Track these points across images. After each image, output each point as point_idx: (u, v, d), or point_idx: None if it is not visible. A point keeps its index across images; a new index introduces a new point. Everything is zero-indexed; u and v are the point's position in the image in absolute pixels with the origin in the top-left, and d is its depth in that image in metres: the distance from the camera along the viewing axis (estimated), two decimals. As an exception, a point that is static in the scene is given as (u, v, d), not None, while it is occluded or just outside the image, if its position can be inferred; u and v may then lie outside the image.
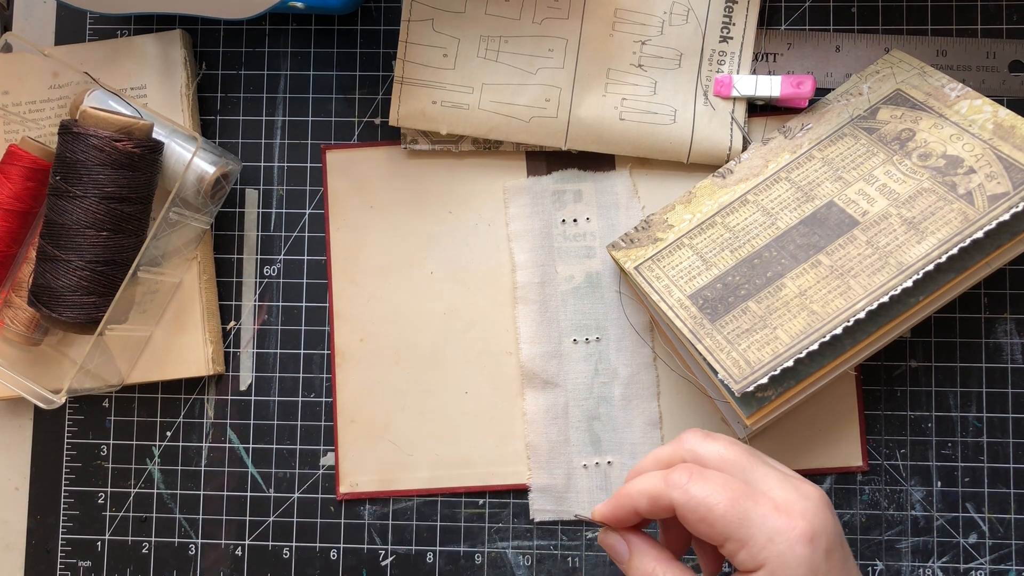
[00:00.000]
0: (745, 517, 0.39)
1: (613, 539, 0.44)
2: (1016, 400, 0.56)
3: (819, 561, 0.39)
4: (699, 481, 0.40)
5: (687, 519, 0.40)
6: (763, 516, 0.39)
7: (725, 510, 0.39)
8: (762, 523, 0.39)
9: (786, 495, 0.40)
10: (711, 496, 0.40)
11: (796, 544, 0.39)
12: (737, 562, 0.40)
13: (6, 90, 0.59)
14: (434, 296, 0.58)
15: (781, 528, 0.39)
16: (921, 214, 0.50)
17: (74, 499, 0.59)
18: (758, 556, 0.39)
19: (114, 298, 0.52)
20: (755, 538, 0.39)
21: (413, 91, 0.57)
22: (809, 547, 0.39)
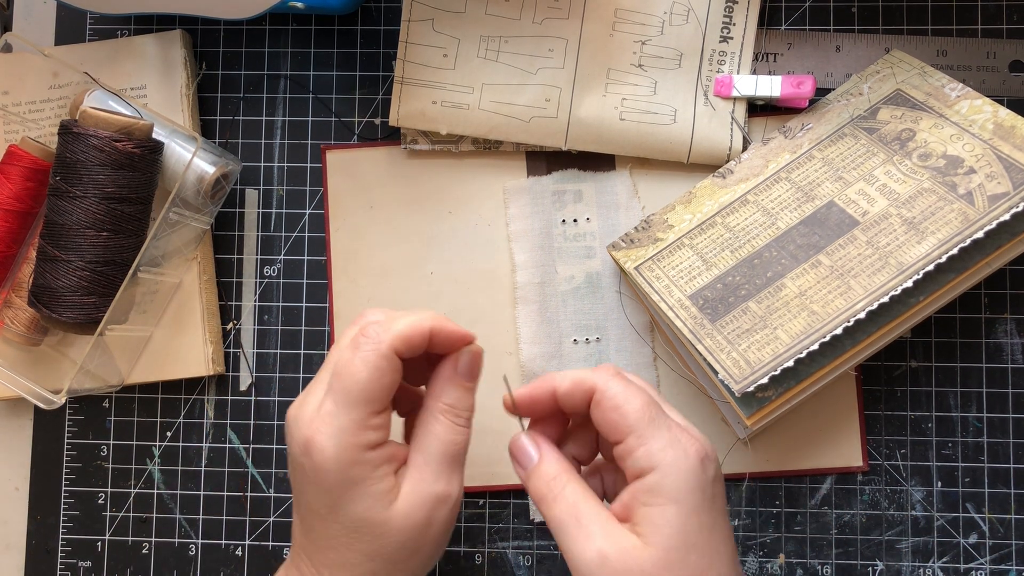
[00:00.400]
0: (653, 420, 0.42)
1: (525, 442, 0.46)
2: (1016, 400, 0.56)
3: (707, 481, 0.42)
4: (622, 378, 0.44)
5: (601, 404, 0.43)
6: (668, 426, 0.43)
7: (639, 406, 0.43)
8: (666, 431, 0.42)
9: (685, 422, 0.44)
10: (630, 391, 0.43)
11: (692, 456, 0.42)
12: (632, 459, 0.42)
13: (6, 90, 0.59)
14: (434, 296, 0.58)
15: (680, 439, 0.42)
16: (921, 214, 0.50)
17: (74, 499, 0.59)
18: (654, 457, 0.41)
19: (114, 298, 0.52)
20: (656, 440, 0.42)
21: (413, 91, 0.57)
22: (700, 464, 0.42)
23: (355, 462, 0.43)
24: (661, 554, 0.40)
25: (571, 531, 0.42)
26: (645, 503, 0.41)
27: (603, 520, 0.42)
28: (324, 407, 0.44)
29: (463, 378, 0.47)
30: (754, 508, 0.56)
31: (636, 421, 0.42)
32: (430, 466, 0.45)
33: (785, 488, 0.57)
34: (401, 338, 0.44)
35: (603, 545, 0.41)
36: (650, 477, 0.41)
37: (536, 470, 0.45)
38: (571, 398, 0.45)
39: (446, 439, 0.45)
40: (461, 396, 0.46)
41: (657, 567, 0.40)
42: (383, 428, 0.44)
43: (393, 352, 0.44)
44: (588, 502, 0.43)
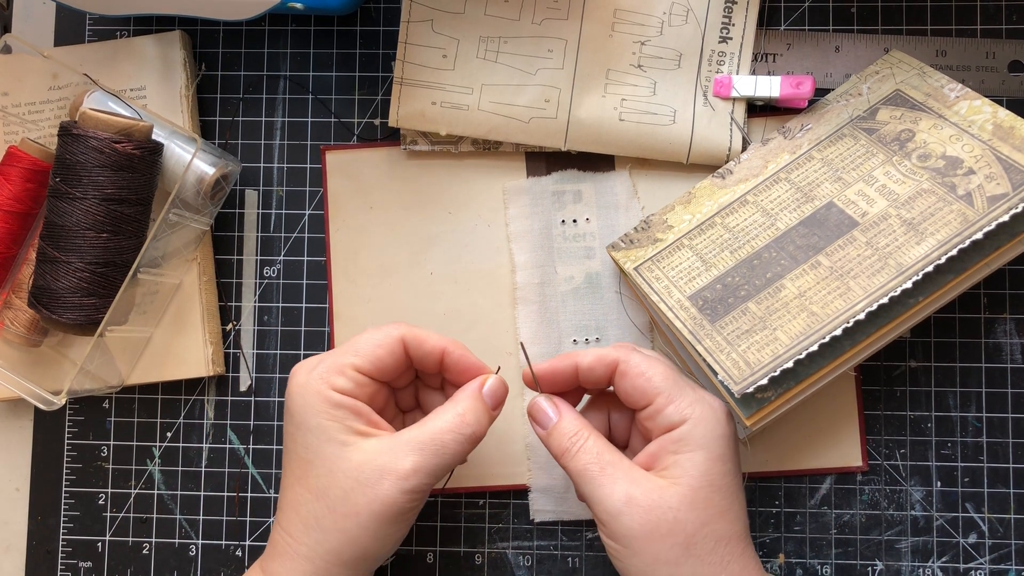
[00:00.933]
0: (678, 381, 0.47)
1: (544, 403, 0.49)
2: (1016, 400, 0.56)
3: (731, 433, 0.47)
4: (642, 351, 0.48)
5: (628, 374, 0.47)
6: (692, 386, 0.47)
7: (664, 370, 0.47)
8: (691, 390, 0.47)
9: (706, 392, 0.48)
10: (652, 360, 0.47)
11: (719, 410, 0.46)
12: (663, 416, 0.46)
13: (6, 91, 0.59)
14: (434, 297, 0.58)
15: (707, 398, 0.47)
16: (920, 215, 0.50)
17: (75, 500, 0.59)
18: (684, 411, 0.45)
19: (114, 300, 0.52)
20: (685, 397, 0.46)
21: (413, 92, 0.57)
22: (727, 417, 0.47)
23: (317, 393, 0.46)
24: (688, 492, 0.44)
25: (596, 478, 0.45)
26: (674, 451, 0.45)
27: (627, 466, 0.45)
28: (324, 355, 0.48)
29: (487, 398, 0.48)
30: (753, 508, 0.56)
31: (663, 383, 0.46)
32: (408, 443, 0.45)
33: (785, 488, 0.57)
34: (415, 335, 0.48)
35: (629, 487, 0.44)
36: (681, 429, 0.45)
37: (557, 427, 0.48)
38: (593, 372, 0.48)
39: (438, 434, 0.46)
40: (477, 409, 0.47)
41: (683, 503, 0.44)
42: (353, 384, 0.47)
43: (401, 338, 0.48)
44: (611, 451, 0.46)
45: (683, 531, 0.43)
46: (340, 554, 0.45)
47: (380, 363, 0.48)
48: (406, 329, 0.49)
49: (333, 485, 0.45)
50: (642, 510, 0.44)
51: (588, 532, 0.57)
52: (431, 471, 0.45)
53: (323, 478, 0.45)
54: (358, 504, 0.45)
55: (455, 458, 0.46)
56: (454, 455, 0.46)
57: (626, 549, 0.44)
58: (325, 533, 0.45)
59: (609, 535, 0.45)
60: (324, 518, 0.45)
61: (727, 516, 0.45)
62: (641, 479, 0.45)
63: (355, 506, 0.45)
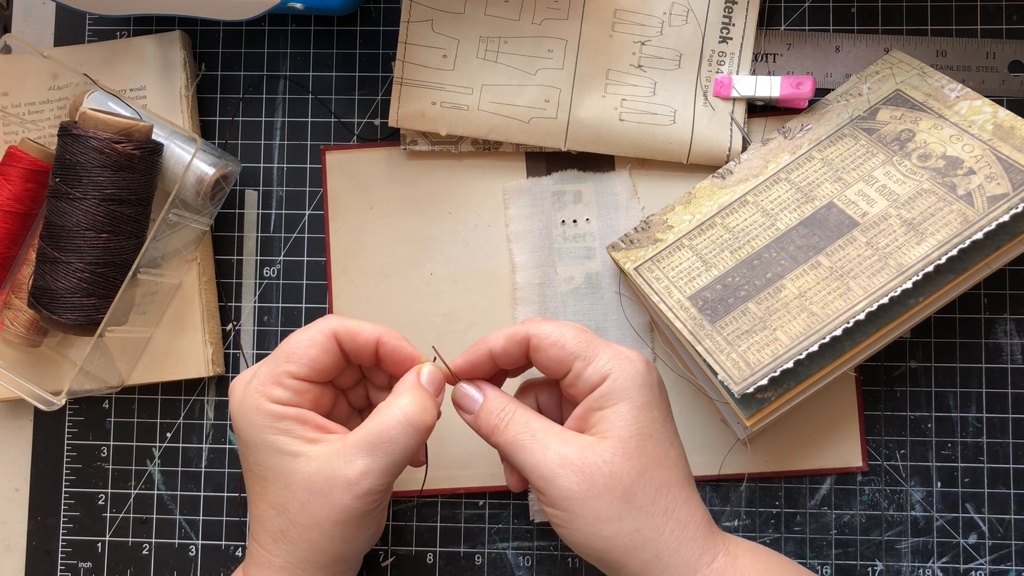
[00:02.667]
0: (592, 342, 0.46)
1: (467, 388, 0.48)
2: (1016, 400, 0.56)
3: (653, 381, 0.46)
4: (550, 320, 0.47)
5: (540, 346, 0.46)
6: (607, 343, 0.46)
7: (576, 335, 0.46)
8: (606, 347, 0.46)
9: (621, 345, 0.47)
10: (564, 327, 0.47)
11: (637, 360, 0.46)
12: (583, 379, 0.45)
13: (5, 91, 0.59)
14: (434, 297, 0.58)
15: (624, 352, 0.46)
16: (921, 215, 0.50)
17: (74, 500, 0.59)
18: (603, 368, 0.45)
19: (114, 300, 0.52)
20: (601, 356, 0.45)
21: (412, 92, 0.57)
22: (645, 366, 0.46)
23: (256, 408, 0.45)
24: (619, 444, 0.43)
25: (528, 446, 0.45)
26: (599, 408, 0.45)
27: (558, 430, 0.45)
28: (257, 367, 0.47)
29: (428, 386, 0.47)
30: (754, 508, 0.56)
31: (577, 347, 0.46)
32: (355, 445, 0.44)
33: (785, 488, 0.57)
34: (346, 328, 0.47)
35: (561, 448, 0.44)
36: (602, 387, 0.45)
37: (483, 407, 0.47)
38: (508, 354, 0.47)
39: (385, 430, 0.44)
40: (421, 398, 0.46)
41: (616, 455, 0.43)
42: (292, 392, 0.46)
43: (333, 334, 0.47)
44: (539, 419, 0.46)
45: (620, 483, 0.43)
46: (312, 561, 0.46)
47: (316, 364, 0.46)
48: (337, 323, 0.47)
49: (290, 499, 0.45)
50: (576, 468, 0.43)
51: (588, 532, 0.57)
52: (383, 471, 0.44)
53: (279, 493, 0.45)
54: (316, 515, 0.44)
55: (406, 452, 0.45)
56: (404, 449, 0.45)
57: (567, 513, 0.43)
58: (292, 544, 0.45)
59: (549, 502, 0.44)
60: (288, 531, 0.45)
61: (664, 463, 0.44)
62: (572, 439, 0.44)
63: (314, 517, 0.44)
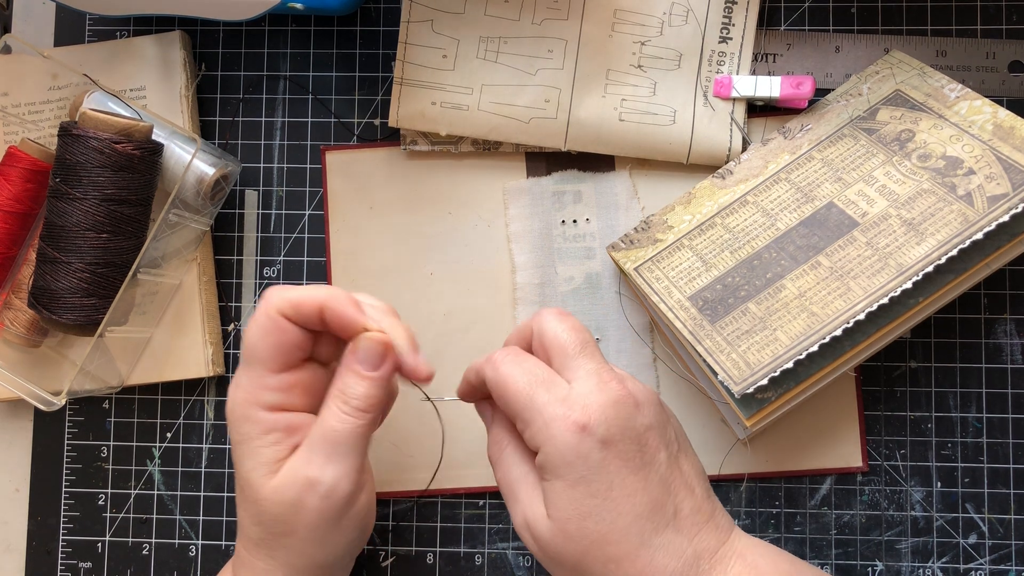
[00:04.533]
0: (532, 402, 0.43)
1: (481, 408, 0.49)
2: (1016, 400, 0.56)
3: (590, 449, 0.42)
4: (510, 363, 0.44)
5: (493, 392, 0.45)
6: (546, 403, 0.43)
7: (517, 391, 0.43)
8: (543, 409, 0.42)
9: (583, 387, 0.43)
10: (511, 377, 0.44)
11: (566, 431, 0.42)
12: (526, 440, 0.44)
13: (5, 91, 0.59)
14: (434, 297, 0.58)
15: (557, 415, 0.42)
16: (921, 215, 0.50)
17: (74, 500, 0.59)
18: (535, 438, 0.43)
19: (114, 300, 0.52)
20: (536, 422, 0.43)
21: (412, 92, 0.57)
22: (578, 435, 0.42)
23: (246, 418, 0.44)
24: (559, 525, 0.42)
25: (506, 494, 0.46)
26: (542, 478, 0.44)
27: (528, 487, 0.45)
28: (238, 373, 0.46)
29: (361, 365, 0.45)
30: (753, 509, 0.56)
31: (516, 406, 0.44)
32: (308, 448, 0.44)
33: (785, 489, 0.57)
34: (288, 301, 0.44)
35: (526, 511, 0.44)
36: (539, 456, 0.43)
37: (489, 435, 0.48)
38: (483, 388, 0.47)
39: (326, 424, 0.44)
40: (353, 383, 0.44)
41: (557, 537, 0.43)
42: (280, 391, 0.45)
43: (278, 313, 0.44)
44: (518, 466, 0.45)
45: (568, 560, 0.43)
46: (295, 566, 0.45)
47: (280, 349, 0.45)
48: (278, 298, 0.45)
49: (263, 511, 0.44)
50: (531, 535, 0.44)
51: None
52: (339, 468, 0.44)
53: (254, 505, 0.45)
54: (290, 524, 0.44)
55: (353, 440, 0.44)
56: (349, 436, 0.44)
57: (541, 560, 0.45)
58: (272, 551, 0.45)
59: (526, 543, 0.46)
60: (266, 540, 0.45)
61: (608, 539, 0.42)
62: (534, 503, 0.44)
63: (288, 526, 0.44)
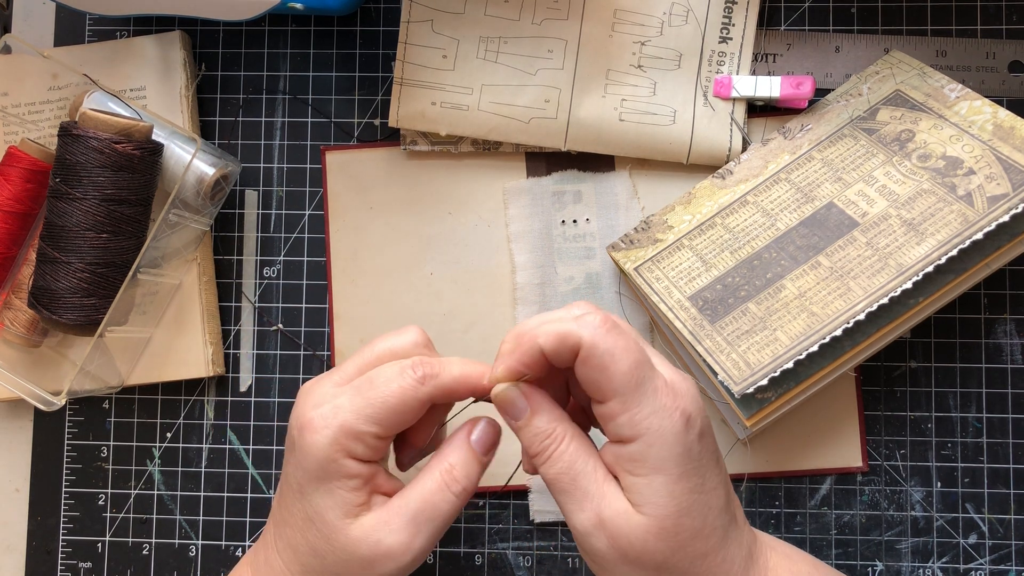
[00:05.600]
0: (641, 383, 0.40)
1: (514, 394, 0.43)
2: (1016, 400, 0.56)
3: (692, 441, 0.40)
4: (614, 331, 0.41)
5: (588, 362, 0.40)
6: (655, 389, 0.40)
7: (629, 367, 0.40)
8: (653, 394, 0.40)
9: (672, 376, 0.42)
10: (620, 349, 0.40)
11: (677, 422, 0.40)
12: (615, 425, 0.40)
13: (5, 91, 0.59)
14: (434, 297, 0.58)
15: (667, 405, 0.40)
16: (921, 215, 0.50)
17: (74, 500, 0.59)
18: (639, 425, 0.40)
19: (114, 300, 0.52)
20: (642, 406, 0.40)
21: (412, 92, 0.57)
22: (686, 427, 0.40)
23: (332, 460, 0.43)
24: (654, 523, 0.40)
25: (567, 491, 0.42)
26: (631, 472, 0.40)
27: (600, 479, 0.41)
28: (339, 400, 0.43)
29: (476, 446, 0.45)
30: (754, 509, 0.56)
31: (622, 385, 0.40)
32: (399, 514, 0.43)
33: (785, 489, 0.57)
34: (443, 389, 0.44)
35: (599, 507, 0.41)
36: (634, 446, 0.40)
37: (529, 425, 0.43)
38: (558, 356, 0.41)
39: (428, 497, 0.44)
40: (466, 462, 0.45)
41: (649, 534, 0.40)
42: (376, 451, 0.44)
43: (430, 400, 0.44)
44: (585, 458, 0.42)
45: (653, 560, 0.40)
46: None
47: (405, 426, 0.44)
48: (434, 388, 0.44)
49: (329, 553, 0.43)
50: (608, 535, 0.40)
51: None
52: (426, 542, 0.43)
53: (321, 543, 0.44)
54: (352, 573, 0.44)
55: (448, 518, 0.44)
56: (446, 516, 0.44)
57: (596, 566, 0.42)
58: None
59: (580, 548, 0.43)
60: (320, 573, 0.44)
61: (701, 534, 0.41)
62: (611, 498, 0.41)
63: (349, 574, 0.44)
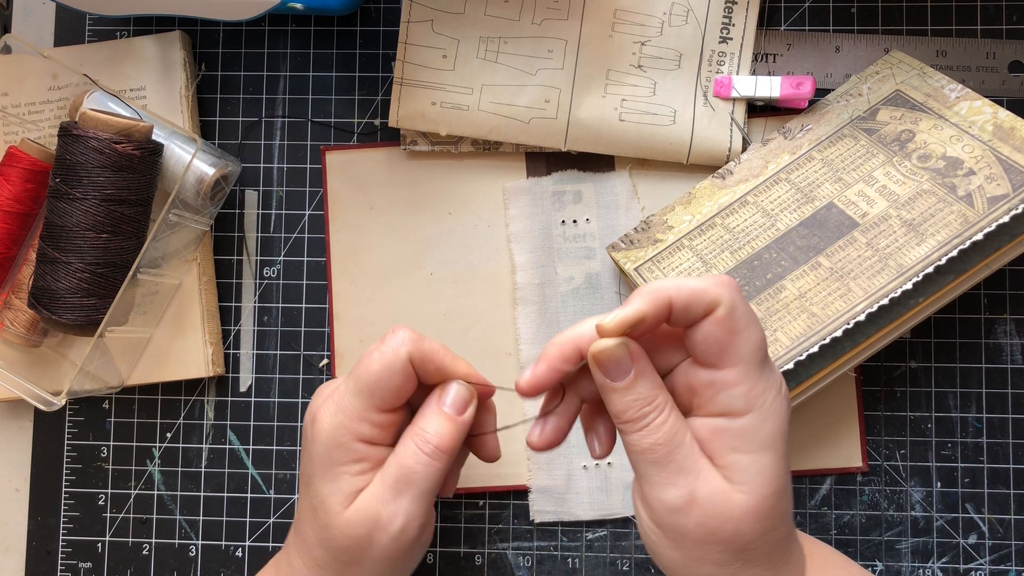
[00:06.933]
0: (764, 360, 0.39)
1: (622, 352, 0.39)
2: (1016, 401, 0.56)
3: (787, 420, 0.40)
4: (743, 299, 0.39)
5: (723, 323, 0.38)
6: (771, 364, 0.39)
7: (760, 337, 0.39)
8: (770, 370, 0.39)
9: None
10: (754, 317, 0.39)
11: (786, 400, 0.40)
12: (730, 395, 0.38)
13: (6, 92, 0.59)
14: (434, 297, 0.58)
15: (778, 381, 0.39)
16: (921, 216, 0.50)
17: (74, 500, 0.59)
18: (756, 398, 0.38)
19: (114, 300, 0.52)
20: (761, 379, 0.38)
21: (413, 92, 0.57)
22: (786, 405, 0.40)
23: (339, 444, 0.44)
24: (755, 502, 0.38)
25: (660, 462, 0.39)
26: (735, 448, 0.38)
27: (695, 455, 0.39)
28: (339, 388, 0.45)
29: (448, 407, 0.45)
30: (754, 509, 0.56)
31: (750, 354, 0.38)
32: (383, 485, 0.44)
33: (785, 489, 0.57)
34: (422, 352, 0.44)
35: (695, 485, 0.38)
36: (744, 420, 0.38)
37: (631, 388, 0.39)
38: (686, 312, 0.38)
39: (403, 461, 0.44)
40: (437, 422, 0.44)
41: (748, 515, 0.38)
42: (382, 428, 0.44)
43: (408, 358, 0.44)
44: (683, 431, 0.39)
45: (742, 540, 0.39)
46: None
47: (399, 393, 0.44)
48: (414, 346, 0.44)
49: (331, 539, 0.44)
50: (701, 513, 0.38)
51: (588, 532, 0.57)
52: (412, 506, 0.44)
53: (325, 530, 0.44)
54: (356, 556, 0.44)
55: (428, 480, 0.44)
56: (425, 477, 0.43)
57: (670, 542, 0.40)
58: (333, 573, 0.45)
59: (657, 523, 0.40)
60: (331, 564, 0.45)
61: (785, 519, 0.40)
62: (706, 475, 0.38)
63: (354, 558, 0.44)
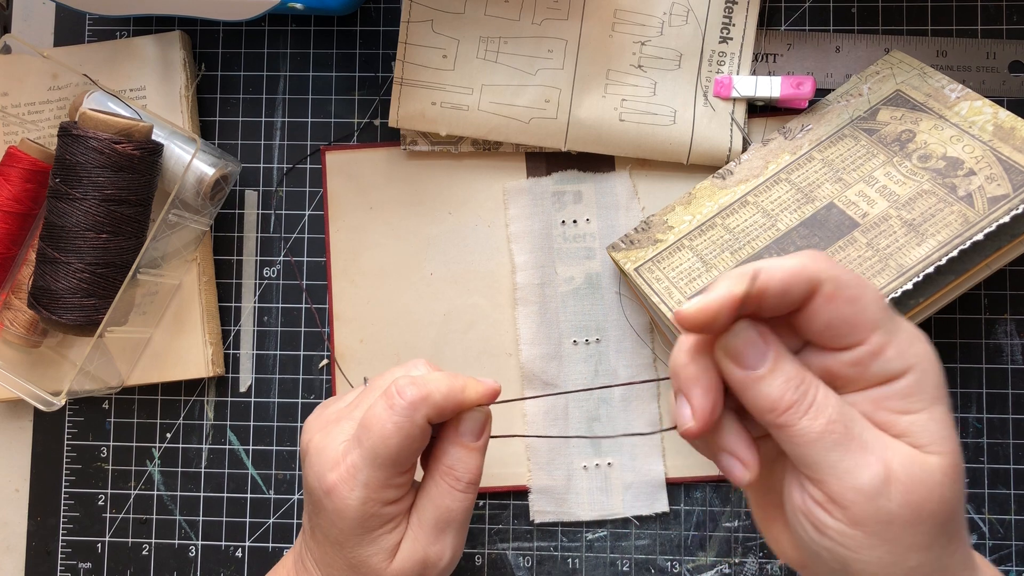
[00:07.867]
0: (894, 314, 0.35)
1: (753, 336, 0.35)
2: (1016, 401, 0.56)
3: None
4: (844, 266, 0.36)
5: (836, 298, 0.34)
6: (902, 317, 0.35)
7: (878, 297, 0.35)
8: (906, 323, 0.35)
9: None
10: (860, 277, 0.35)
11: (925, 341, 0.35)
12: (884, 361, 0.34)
13: (5, 92, 0.59)
14: (434, 297, 0.58)
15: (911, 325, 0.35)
16: (921, 216, 0.50)
17: (74, 501, 0.59)
18: (909, 353, 0.34)
19: (114, 300, 0.52)
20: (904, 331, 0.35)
21: (412, 92, 0.57)
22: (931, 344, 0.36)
23: (372, 515, 0.43)
24: (950, 460, 0.34)
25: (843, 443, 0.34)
26: (907, 410, 0.34)
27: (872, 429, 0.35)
28: (350, 458, 0.43)
29: (465, 437, 0.45)
30: (754, 509, 0.56)
31: (881, 313, 0.34)
32: (424, 529, 0.45)
33: (785, 489, 0.56)
34: (435, 407, 0.43)
35: (887, 457, 0.34)
36: (906, 379, 0.34)
37: (777, 371, 0.35)
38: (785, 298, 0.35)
39: (440, 503, 0.45)
40: (462, 457, 0.45)
41: (948, 476, 0.34)
42: (405, 486, 0.45)
43: (427, 421, 0.43)
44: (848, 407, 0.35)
45: (947, 511, 0.34)
46: None
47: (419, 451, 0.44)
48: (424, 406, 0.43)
49: None
50: (904, 489, 0.33)
51: (588, 533, 0.57)
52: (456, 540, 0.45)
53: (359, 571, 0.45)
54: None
55: (465, 514, 0.45)
56: (462, 513, 0.45)
57: (874, 539, 0.34)
58: None
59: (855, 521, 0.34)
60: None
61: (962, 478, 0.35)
62: (893, 446, 0.34)
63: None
